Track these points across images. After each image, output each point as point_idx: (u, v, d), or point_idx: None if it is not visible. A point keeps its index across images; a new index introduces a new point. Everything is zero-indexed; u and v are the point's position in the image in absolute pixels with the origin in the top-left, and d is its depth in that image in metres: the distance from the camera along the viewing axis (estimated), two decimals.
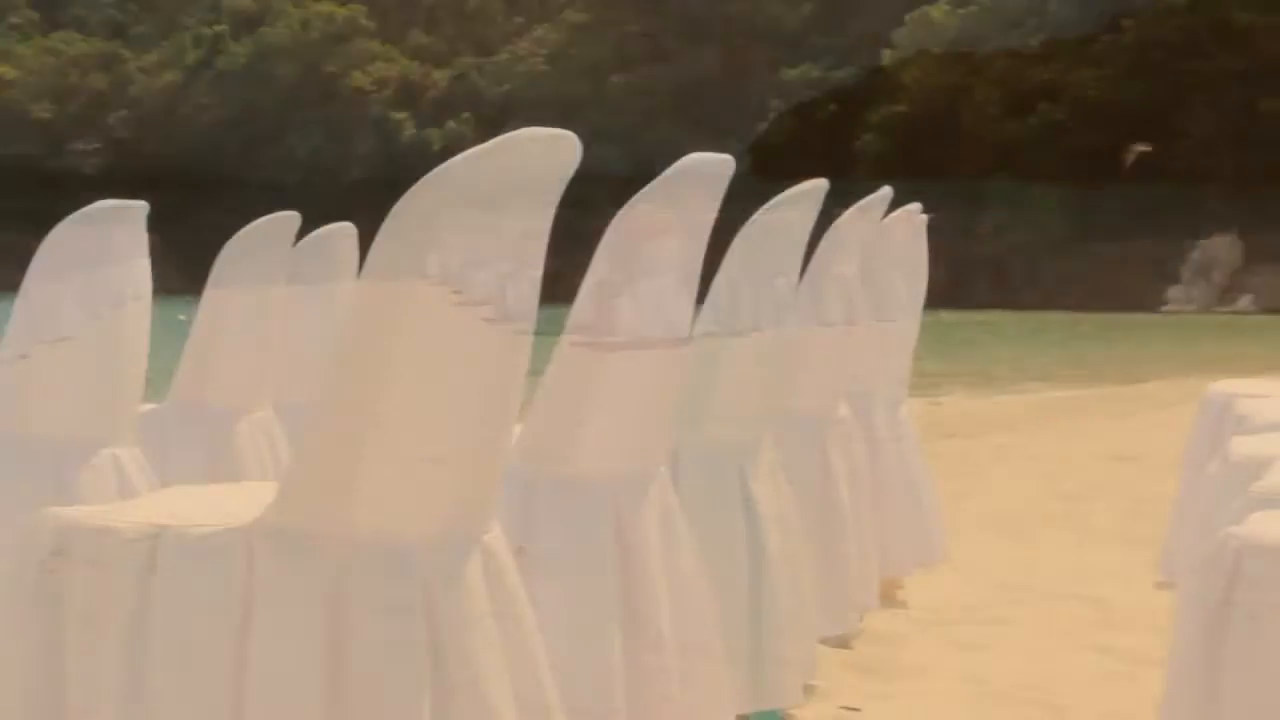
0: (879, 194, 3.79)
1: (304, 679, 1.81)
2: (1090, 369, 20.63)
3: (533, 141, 1.85)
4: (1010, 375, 19.24)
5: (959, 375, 18.71)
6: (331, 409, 1.87)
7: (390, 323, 1.82)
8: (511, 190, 1.87)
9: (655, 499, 2.59)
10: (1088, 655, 3.97)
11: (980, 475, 7.67)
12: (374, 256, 1.82)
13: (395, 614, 1.84)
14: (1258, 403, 4.52)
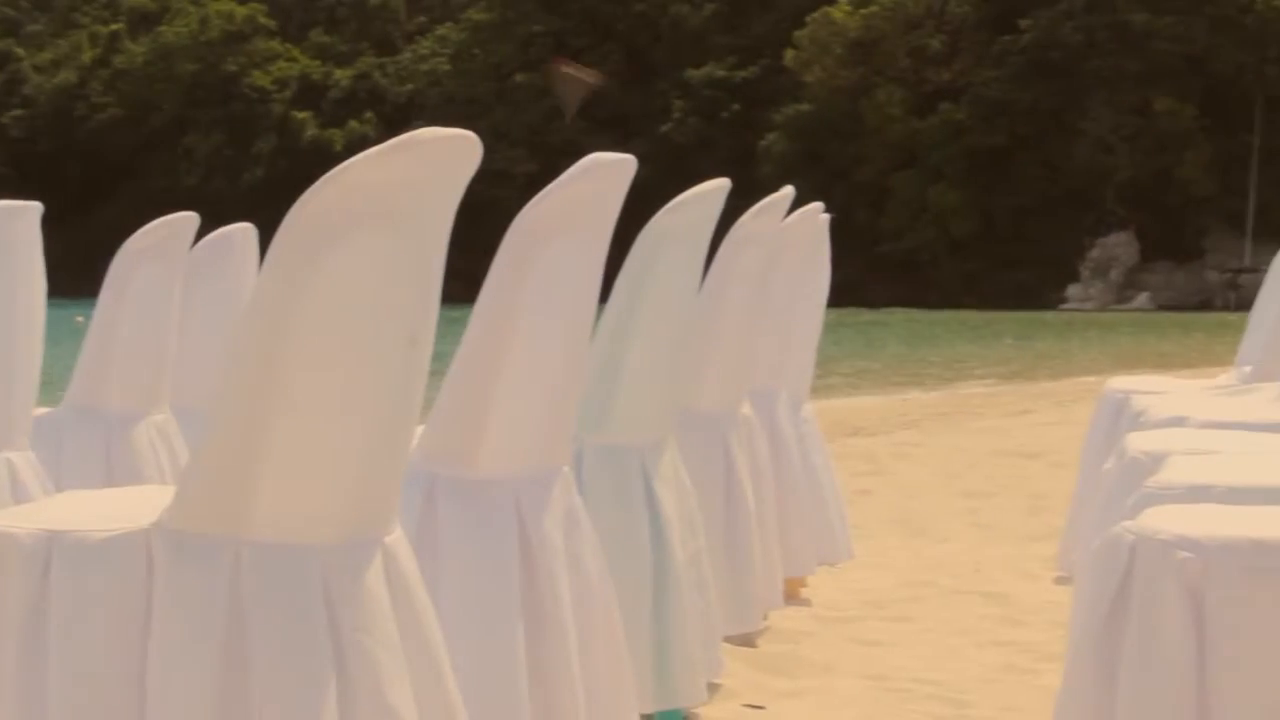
0: (781, 193, 3.80)
1: (203, 682, 1.80)
2: (991, 366, 20.85)
3: (434, 141, 1.84)
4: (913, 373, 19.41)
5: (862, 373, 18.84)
6: (229, 411, 1.85)
7: (288, 324, 1.80)
8: (412, 190, 1.86)
9: (558, 499, 2.59)
10: (989, 650, 4.01)
11: (883, 473, 7.72)
12: (272, 257, 1.80)
13: (295, 616, 1.83)
14: (1153, 399, 4.59)
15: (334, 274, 1.80)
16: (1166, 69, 54.85)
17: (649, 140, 59.64)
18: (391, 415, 1.94)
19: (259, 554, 1.83)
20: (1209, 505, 2.57)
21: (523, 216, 2.41)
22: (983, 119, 57.07)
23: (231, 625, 1.81)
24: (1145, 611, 2.13)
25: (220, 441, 1.85)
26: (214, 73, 69.36)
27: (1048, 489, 6.93)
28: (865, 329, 32.18)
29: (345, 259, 1.81)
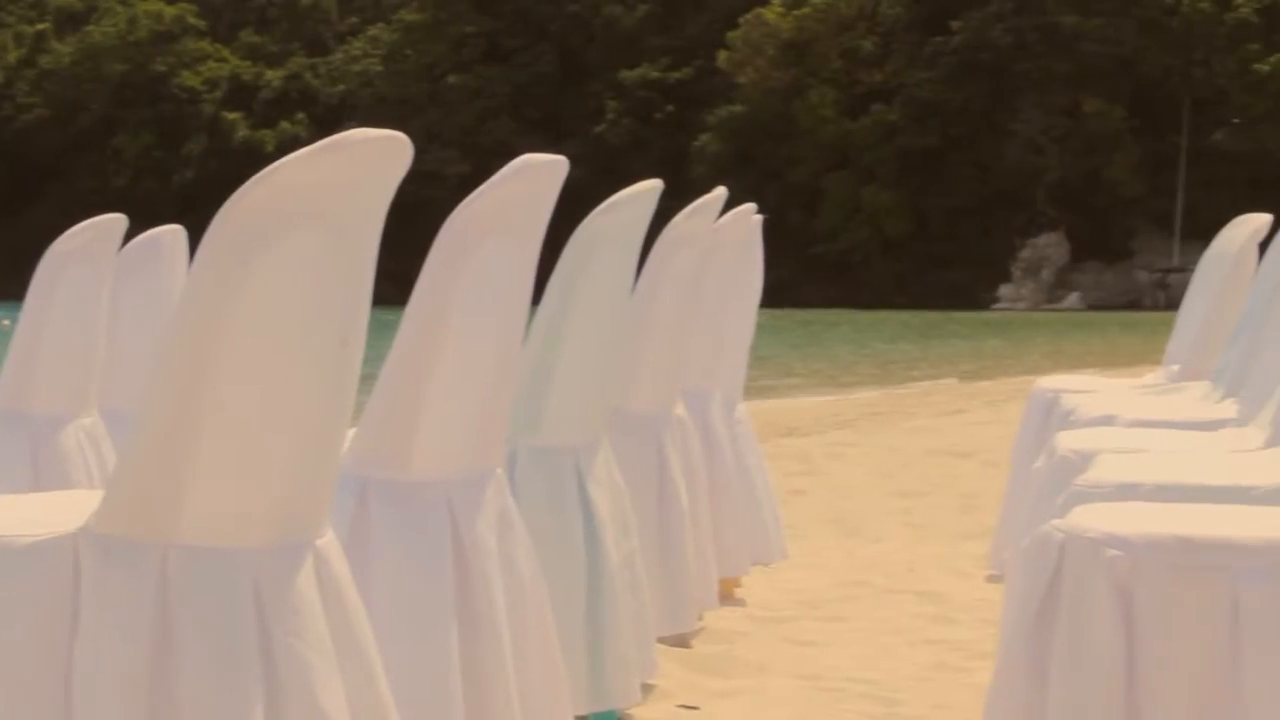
0: (714, 194, 3.81)
1: (131, 688, 1.78)
2: (925, 366, 20.98)
3: (364, 142, 1.83)
4: (847, 373, 19.50)
5: (796, 373, 18.91)
6: (157, 414, 1.83)
7: (218, 326, 1.79)
8: (343, 192, 1.85)
9: (491, 501, 2.58)
10: (922, 649, 4.03)
11: (817, 473, 7.75)
12: (201, 258, 1.79)
13: (224, 621, 1.81)
14: (1082, 398, 4.63)
15: (264, 275, 1.79)
16: (1095, 71, 55.38)
17: (582, 141, 59.65)
18: (322, 417, 1.93)
19: (187, 558, 1.82)
20: (1137, 503, 2.60)
21: (454, 218, 2.40)
22: (915, 120, 57.45)
23: (159, 630, 1.79)
24: (1075, 609, 2.15)
25: (148, 445, 1.83)
26: (143, 73, 68.80)
27: (980, 488, 6.98)
28: (799, 329, 32.30)
29: (275, 260, 1.79)
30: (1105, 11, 55.69)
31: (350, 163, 1.83)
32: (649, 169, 6.42)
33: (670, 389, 3.92)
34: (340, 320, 1.90)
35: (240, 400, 1.82)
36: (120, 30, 69.35)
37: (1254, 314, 4.30)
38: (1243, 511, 2.45)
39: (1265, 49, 53.81)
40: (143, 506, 1.83)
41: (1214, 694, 2.11)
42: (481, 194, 2.41)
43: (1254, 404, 3.73)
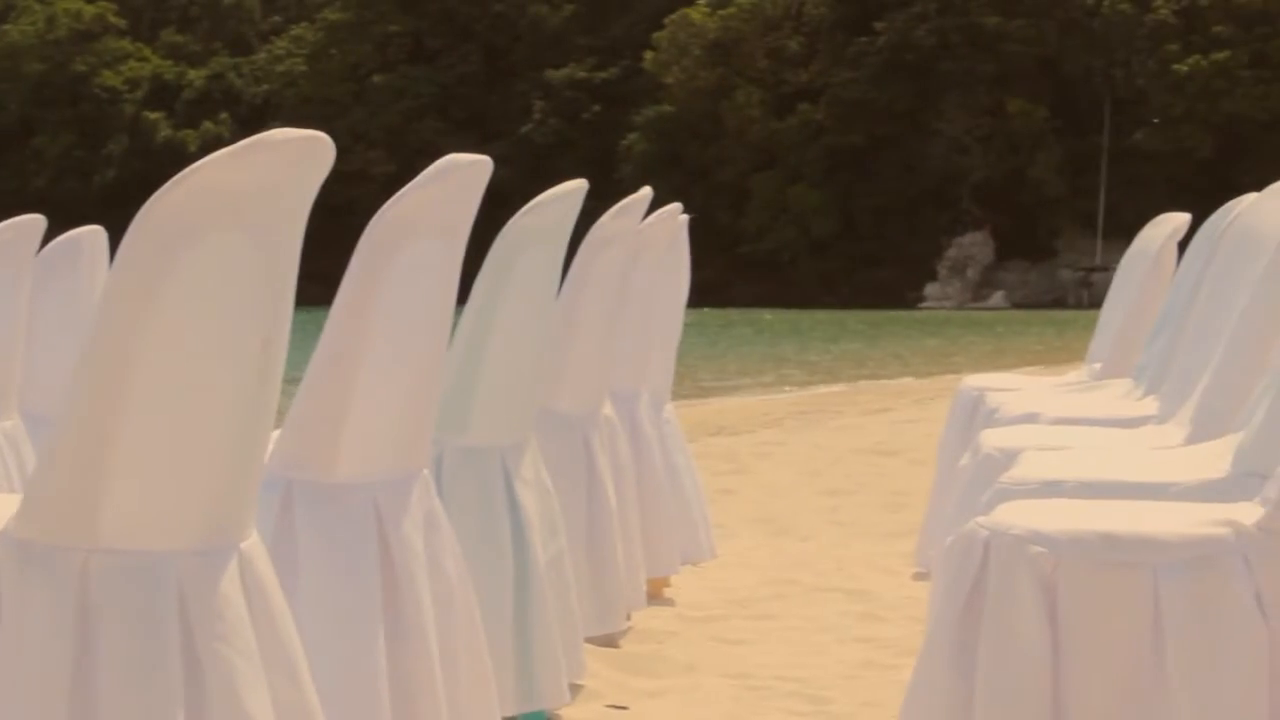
0: (639, 194, 3.81)
1: (51, 693, 1.76)
2: (852, 365, 21.08)
3: (285, 143, 1.82)
4: (774, 372, 19.56)
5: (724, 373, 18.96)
6: (77, 416, 1.81)
7: (138, 327, 1.77)
8: (264, 192, 1.83)
9: (418, 502, 2.57)
10: (850, 647, 4.05)
11: (746, 472, 7.77)
12: (122, 259, 1.77)
13: (147, 626, 1.79)
14: (1006, 396, 4.67)
15: (185, 276, 1.77)
16: (1018, 71, 55.86)
17: (509, 141, 59.53)
18: (246, 419, 1.92)
19: (109, 562, 1.80)
20: (1060, 500, 2.62)
21: (378, 218, 2.39)
22: (841, 120, 57.71)
23: (80, 635, 1.77)
24: (999, 605, 2.16)
25: (68, 448, 1.81)
26: (62, 72, 68.00)
27: (907, 486, 7.02)
28: (727, 329, 32.38)
29: (196, 261, 1.78)
30: (1027, 12, 56.18)
31: (271, 163, 1.81)
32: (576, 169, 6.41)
33: (597, 389, 3.92)
34: (262, 321, 1.89)
35: (161, 402, 1.80)
36: (39, 29, 68.49)
37: (1174, 312, 4.35)
38: (1163, 508, 2.48)
39: (1184, 50, 54.45)
40: (62, 510, 1.81)
41: (1137, 687, 2.13)
42: (406, 194, 2.40)
43: (1174, 401, 3.77)
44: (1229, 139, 52.78)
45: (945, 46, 56.79)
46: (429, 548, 2.58)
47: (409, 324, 2.47)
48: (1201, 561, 2.15)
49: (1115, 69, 55.87)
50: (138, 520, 1.82)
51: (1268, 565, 2.15)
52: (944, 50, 56.77)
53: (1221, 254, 3.90)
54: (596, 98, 62.51)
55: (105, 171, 65.69)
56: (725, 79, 59.80)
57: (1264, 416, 2.75)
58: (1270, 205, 3.55)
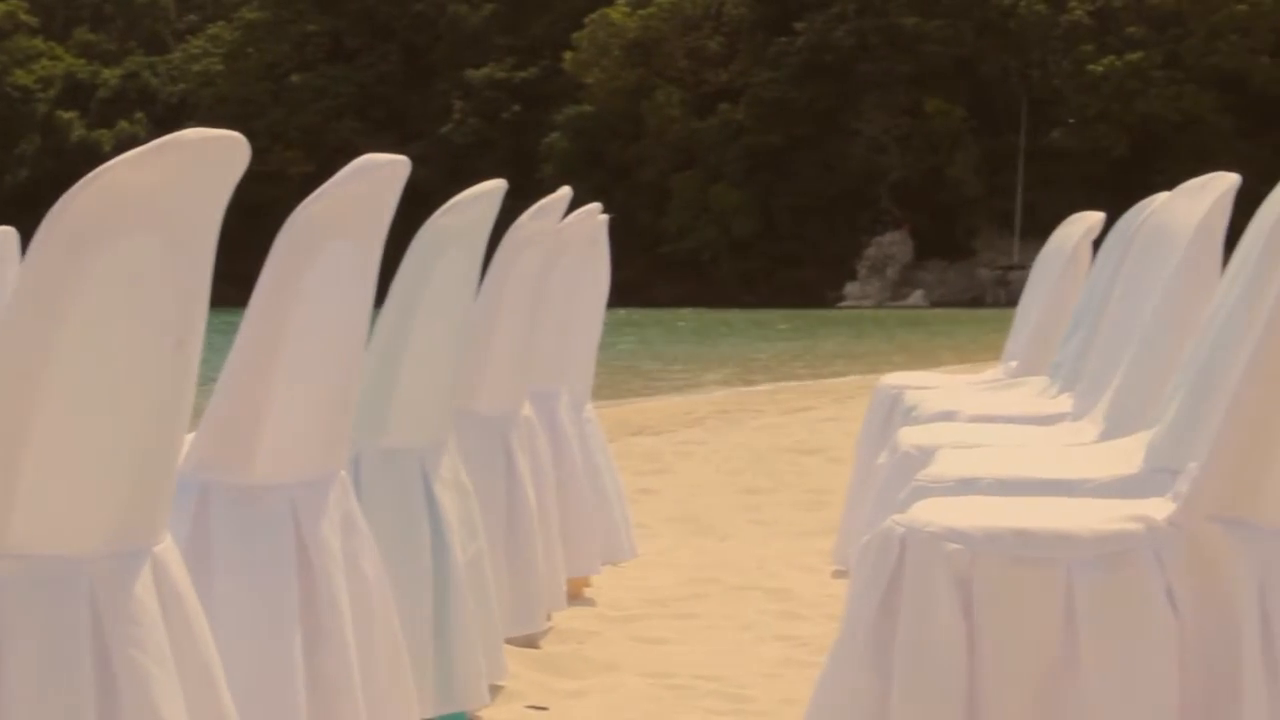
0: (558, 194, 3.81)
1: None
2: (773, 365, 21.16)
3: (199, 142, 1.80)
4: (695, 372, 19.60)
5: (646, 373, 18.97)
6: None
7: (48, 329, 1.75)
8: (177, 192, 1.82)
9: (335, 504, 2.55)
10: (770, 645, 4.06)
11: (666, 471, 7.78)
12: (31, 260, 1.74)
13: (58, 632, 1.77)
14: (924, 394, 4.70)
15: (96, 277, 1.75)
16: (936, 71, 56.29)
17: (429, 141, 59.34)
18: (159, 421, 1.90)
19: (18, 567, 1.77)
20: (976, 497, 2.65)
21: (294, 219, 2.37)
22: (761, 119, 57.93)
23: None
24: (916, 602, 2.18)
25: None
26: None
27: (827, 484, 7.05)
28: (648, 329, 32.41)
29: (108, 262, 1.76)
30: (945, 13, 56.63)
31: (184, 163, 1.79)
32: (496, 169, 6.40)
33: (517, 389, 3.91)
34: (175, 322, 1.87)
35: (72, 404, 1.78)
36: None
37: (1088, 310, 4.40)
38: (1077, 504, 2.51)
39: (1098, 50, 55.08)
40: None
41: (1052, 682, 2.15)
42: (321, 195, 2.38)
43: (1088, 398, 3.81)
44: (1143, 138, 53.44)
45: (864, 47, 57.14)
46: (347, 549, 2.56)
47: (326, 325, 2.46)
48: (1114, 557, 2.17)
49: (1032, 69, 56.44)
50: (48, 524, 1.80)
51: (1178, 560, 2.18)
52: (863, 51, 57.12)
53: (1134, 253, 3.95)
54: (516, 97, 62.41)
55: (17, 171, 64.86)
56: (645, 79, 59.88)
57: (1175, 413, 2.78)
58: (1181, 204, 3.60)
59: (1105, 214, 5.29)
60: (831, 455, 8.23)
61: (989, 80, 56.94)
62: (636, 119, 59.56)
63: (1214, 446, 2.20)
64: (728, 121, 58.64)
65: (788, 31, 58.61)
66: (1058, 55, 55.97)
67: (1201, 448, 2.26)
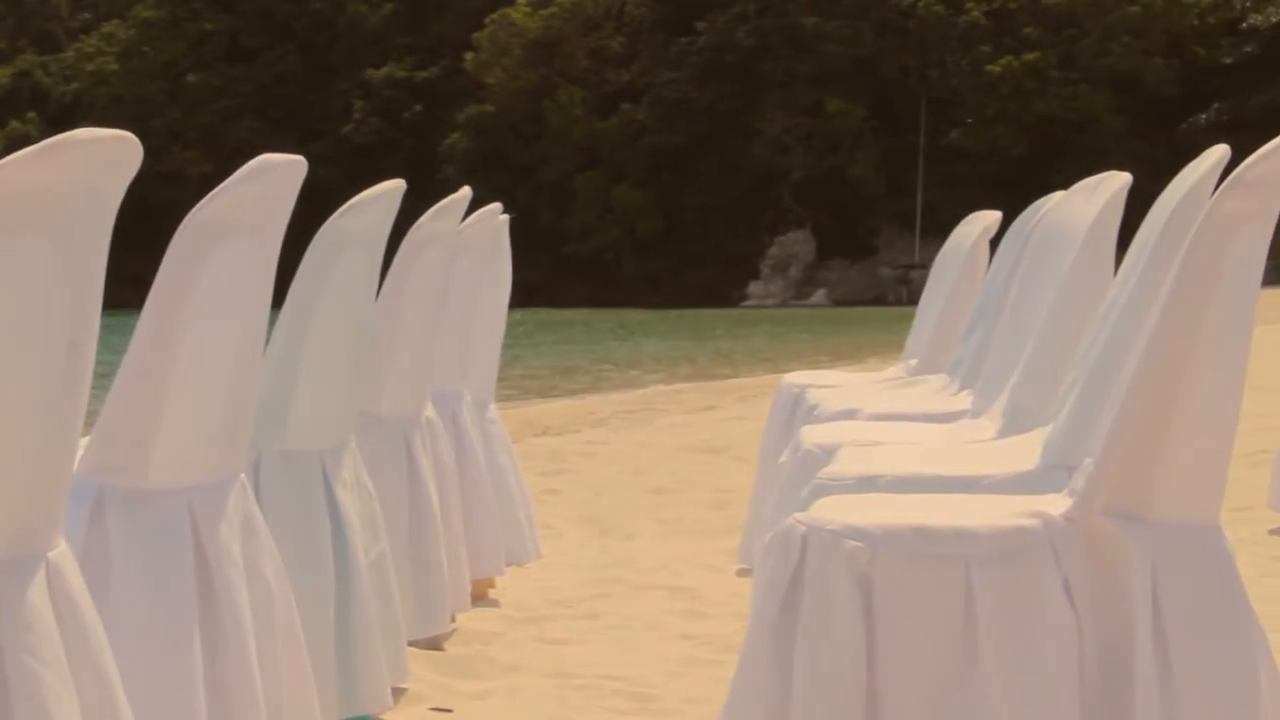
0: (458, 195, 3.80)
1: None
2: (678, 364, 21.21)
3: (90, 143, 1.78)
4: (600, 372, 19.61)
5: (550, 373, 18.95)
6: None
7: None
8: (67, 193, 1.79)
9: (235, 507, 2.53)
10: (674, 644, 4.07)
11: (571, 471, 7.78)
12: None
13: None
14: (826, 393, 4.73)
15: None
16: (836, 71, 56.66)
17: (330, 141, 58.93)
18: (52, 424, 1.87)
19: None
20: (877, 495, 2.67)
21: (189, 220, 2.34)
22: (663, 119, 58.04)
23: None
24: (816, 600, 2.19)
25: None
26: None
27: (731, 483, 7.08)
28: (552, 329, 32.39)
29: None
30: (845, 14, 57.01)
31: (75, 163, 1.77)
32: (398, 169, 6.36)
33: (419, 390, 3.89)
34: (68, 324, 1.84)
35: None
36: None
37: (986, 308, 4.45)
38: (976, 500, 2.53)
39: (996, 51, 55.69)
40: None
41: (951, 677, 2.17)
42: (217, 195, 2.36)
43: (987, 396, 3.85)
44: (1041, 138, 54.09)
45: (765, 47, 57.41)
46: (247, 553, 2.54)
47: (223, 326, 2.43)
48: (1012, 552, 2.19)
49: (930, 69, 56.96)
50: None
51: (1075, 555, 2.20)
52: (764, 51, 57.39)
53: (1030, 251, 3.99)
54: (417, 97, 62.12)
55: None
56: (547, 79, 59.80)
57: (1070, 410, 2.82)
58: (1075, 203, 3.64)
59: (1003, 213, 5.34)
60: (736, 454, 8.26)
61: (889, 80, 57.41)
62: (538, 119, 59.47)
63: (1106, 443, 2.23)
64: (630, 121, 58.69)
65: (689, 31, 58.76)
66: (956, 56, 56.54)
67: (1096, 444, 2.29)
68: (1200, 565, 2.22)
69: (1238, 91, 52.05)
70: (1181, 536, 2.23)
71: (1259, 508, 5.76)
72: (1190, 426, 2.21)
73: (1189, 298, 2.16)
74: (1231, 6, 54.54)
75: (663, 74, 58.69)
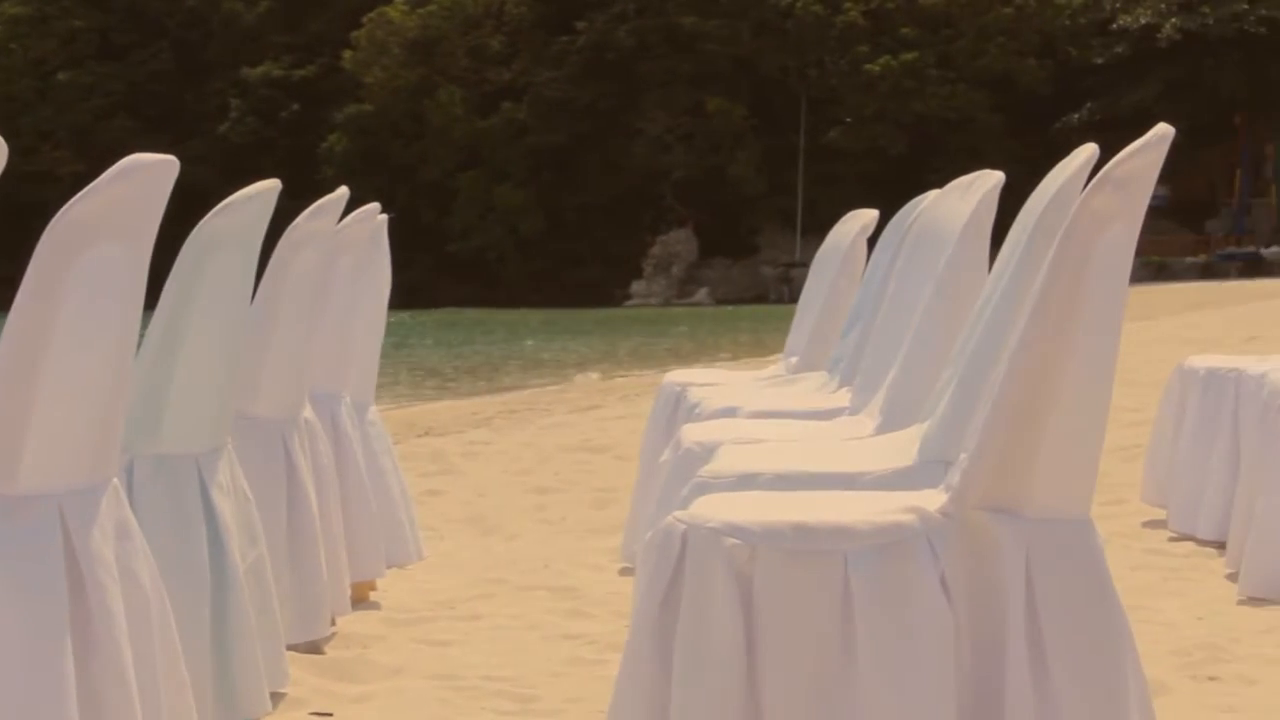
0: (335, 194, 3.77)
1: None
2: (561, 364, 21.20)
3: None
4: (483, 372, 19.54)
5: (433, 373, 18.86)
6: None
7: None
8: None
9: (107, 512, 2.48)
10: (557, 644, 4.07)
11: (453, 472, 7.74)
12: None
13: None
14: (707, 391, 4.75)
15: None
16: (716, 71, 56.93)
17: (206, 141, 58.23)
18: None
19: None
20: (756, 492, 2.68)
21: (58, 220, 2.30)
22: (544, 119, 57.99)
23: None
24: (696, 598, 2.20)
25: None
26: None
27: (614, 483, 7.08)
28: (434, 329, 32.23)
29: None
30: (723, 13, 57.29)
31: None
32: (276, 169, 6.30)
33: (296, 392, 3.86)
34: None
35: None
36: None
37: (864, 306, 4.49)
38: (854, 496, 2.56)
39: (874, 50, 56.26)
40: None
41: (829, 673, 2.19)
42: (86, 195, 2.32)
43: (866, 393, 3.88)
44: (919, 137, 54.73)
45: (645, 46, 57.56)
46: (120, 559, 2.50)
47: (93, 328, 2.39)
48: (889, 548, 2.21)
49: (809, 69, 57.41)
50: None
51: (951, 550, 2.23)
52: (644, 50, 57.53)
53: (906, 249, 4.03)
54: (295, 96, 61.53)
55: None
56: (427, 78, 59.52)
57: (946, 406, 2.85)
58: (950, 201, 3.69)
59: (882, 211, 5.39)
60: (618, 453, 8.26)
61: (769, 80, 57.79)
62: (419, 118, 59.17)
63: (980, 438, 2.26)
64: (511, 121, 58.57)
65: (569, 31, 58.76)
66: (834, 55, 57.04)
67: (972, 439, 2.31)
68: (1071, 558, 2.26)
69: (1109, 91, 53.01)
70: (1053, 530, 2.26)
71: (1132, 500, 5.86)
72: (1062, 421, 2.24)
73: (1059, 295, 2.19)
74: (1102, 8, 55.53)
75: (543, 73, 58.64)
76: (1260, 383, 4.62)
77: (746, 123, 56.94)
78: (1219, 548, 4.96)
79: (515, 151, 58.06)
